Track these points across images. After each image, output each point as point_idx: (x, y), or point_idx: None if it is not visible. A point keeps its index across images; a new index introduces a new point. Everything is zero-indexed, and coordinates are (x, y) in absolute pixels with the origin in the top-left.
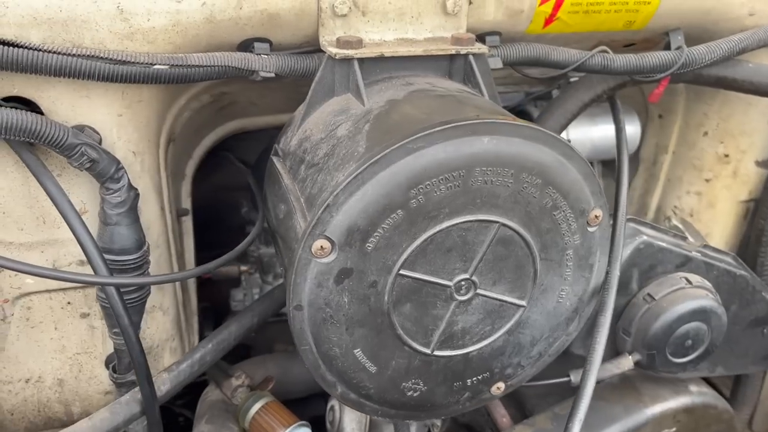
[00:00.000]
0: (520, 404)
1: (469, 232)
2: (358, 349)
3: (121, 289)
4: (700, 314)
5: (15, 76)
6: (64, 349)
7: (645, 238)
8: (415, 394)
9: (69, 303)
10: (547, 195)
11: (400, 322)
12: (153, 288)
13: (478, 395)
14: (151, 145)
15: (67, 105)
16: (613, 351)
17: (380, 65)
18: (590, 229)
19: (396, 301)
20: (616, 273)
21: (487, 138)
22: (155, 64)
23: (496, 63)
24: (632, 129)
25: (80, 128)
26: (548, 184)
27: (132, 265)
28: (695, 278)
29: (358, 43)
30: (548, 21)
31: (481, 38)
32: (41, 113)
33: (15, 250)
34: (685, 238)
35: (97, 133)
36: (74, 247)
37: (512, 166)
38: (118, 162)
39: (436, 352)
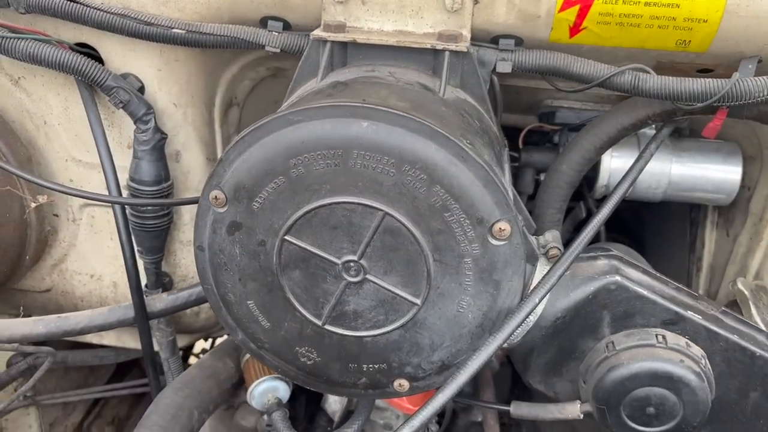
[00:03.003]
0: None
1: (354, 214)
2: (252, 302)
3: (141, 215)
4: (664, 380)
5: (83, 27)
6: (117, 257)
7: (618, 278)
8: (308, 362)
9: None
10: (435, 194)
11: (290, 287)
12: (190, 224)
13: (379, 386)
14: (195, 101)
15: (119, 55)
16: (576, 394)
17: (364, 52)
18: (494, 242)
19: (285, 265)
20: (533, 300)
21: (366, 123)
22: (173, 28)
23: (505, 67)
24: (730, 174)
25: (125, 75)
26: (435, 182)
27: (148, 196)
28: (677, 339)
29: (338, 28)
30: (574, 30)
31: (495, 41)
32: (101, 60)
33: (83, 167)
34: (696, 297)
35: (140, 82)
36: (122, 173)
37: (392, 155)
38: (148, 107)
39: (328, 327)
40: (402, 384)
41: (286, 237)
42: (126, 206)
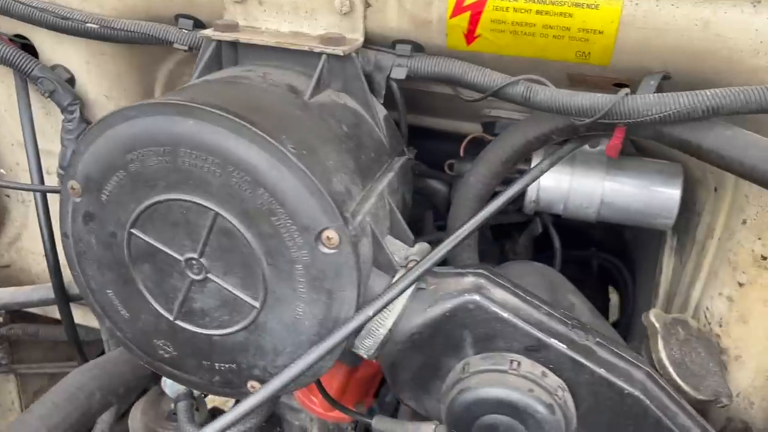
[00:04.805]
0: None
1: (190, 212)
2: (110, 291)
3: None
4: (509, 409)
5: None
6: None
7: (476, 298)
8: (166, 355)
9: None
10: (260, 197)
11: (142, 280)
12: None
13: (233, 386)
14: (129, 95)
15: (49, 46)
16: None
17: (254, 53)
18: (323, 250)
19: (135, 258)
20: (366, 313)
21: (192, 121)
22: (87, 23)
23: (399, 73)
24: (667, 196)
25: (54, 67)
26: (259, 185)
27: None
28: (533, 368)
29: (228, 28)
30: (470, 37)
31: (394, 46)
32: (35, 51)
33: None
34: (572, 325)
35: (69, 73)
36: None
37: (217, 155)
38: (74, 98)
39: (179, 323)
40: (254, 386)
41: (132, 230)
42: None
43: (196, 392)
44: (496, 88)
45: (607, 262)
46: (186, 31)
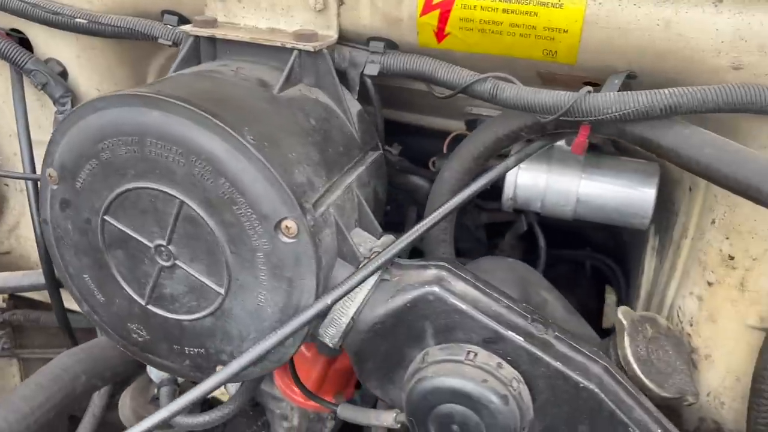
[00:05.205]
0: None
1: (158, 200)
2: (87, 276)
3: None
4: (462, 398)
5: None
6: None
7: (436, 289)
8: (140, 339)
9: None
10: (222, 186)
11: (116, 265)
12: None
13: (203, 371)
14: (120, 88)
15: (42, 40)
16: None
17: (232, 48)
18: (283, 240)
19: (109, 244)
20: (324, 301)
21: (157, 112)
22: (76, 18)
23: (372, 69)
24: (642, 195)
25: (48, 60)
26: (220, 174)
27: None
28: (489, 359)
29: (206, 23)
30: (440, 35)
31: (368, 44)
32: (30, 44)
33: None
34: (532, 319)
35: (62, 66)
36: None
37: (180, 145)
38: (66, 90)
39: (151, 307)
40: None
41: (105, 217)
42: None
43: (180, 378)
44: (464, 85)
45: (600, 263)
46: (170, 27)
